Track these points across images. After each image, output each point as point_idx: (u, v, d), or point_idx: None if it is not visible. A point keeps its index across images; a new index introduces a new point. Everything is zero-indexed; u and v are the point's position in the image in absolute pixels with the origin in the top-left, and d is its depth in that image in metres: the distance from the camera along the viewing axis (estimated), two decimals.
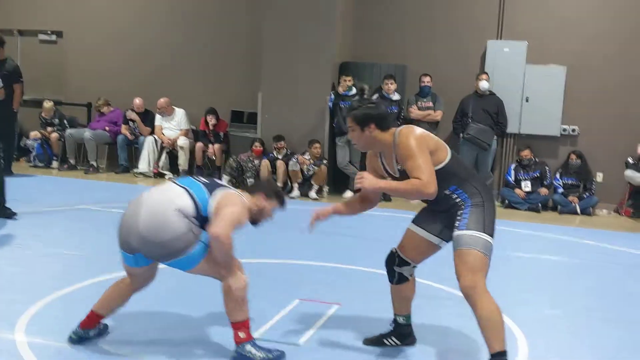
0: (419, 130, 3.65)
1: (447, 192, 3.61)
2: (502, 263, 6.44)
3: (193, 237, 3.57)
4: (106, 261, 5.62)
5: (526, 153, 9.92)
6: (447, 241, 3.79)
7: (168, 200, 3.64)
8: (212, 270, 3.67)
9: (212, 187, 3.75)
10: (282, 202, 3.96)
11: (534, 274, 6.28)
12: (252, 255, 6.14)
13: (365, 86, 9.41)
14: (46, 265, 5.49)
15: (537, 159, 9.99)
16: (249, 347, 3.69)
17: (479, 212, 3.57)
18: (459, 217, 3.59)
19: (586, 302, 5.35)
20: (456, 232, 3.56)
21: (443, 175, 3.55)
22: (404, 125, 3.72)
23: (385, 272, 3.99)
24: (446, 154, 3.64)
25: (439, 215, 3.76)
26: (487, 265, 3.54)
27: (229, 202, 3.65)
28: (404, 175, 3.60)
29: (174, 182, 3.85)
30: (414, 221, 3.91)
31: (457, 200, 3.64)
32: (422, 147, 3.52)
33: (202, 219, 3.62)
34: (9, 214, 7.10)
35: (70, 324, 4.12)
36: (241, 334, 3.69)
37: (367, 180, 3.56)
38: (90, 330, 3.93)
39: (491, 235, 3.56)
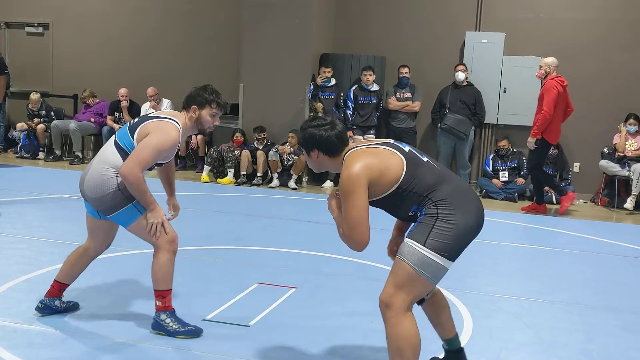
0: (362, 157, 3.12)
1: (410, 213, 3.18)
2: (474, 250, 6.62)
3: (122, 196, 3.80)
4: (74, 247, 5.79)
5: (504, 143, 10.07)
6: None
7: (102, 159, 3.89)
8: (143, 234, 3.90)
9: (136, 125, 3.88)
10: (216, 105, 3.94)
11: (502, 261, 6.40)
12: (218, 242, 6.32)
13: (319, 105, 9.54)
14: (17, 250, 5.64)
15: (514, 149, 10.12)
16: (164, 316, 3.94)
17: (427, 223, 3.07)
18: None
19: (543, 287, 5.48)
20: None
21: (400, 197, 3.12)
22: (352, 149, 3.21)
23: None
24: (399, 173, 3.09)
25: None
26: (418, 284, 3.07)
27: (146, 134, 3.79)
28: None
29: (115, 137, 3.99)
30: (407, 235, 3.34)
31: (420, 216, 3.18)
32: (358, 184, 3.04)
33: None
34: None
35: (32, 306, 4.30)
36: (159, 302, 3.94)
37: (329, 206, 3.27)
38: (55, 299, 4.17)
39: (439, 252, 3.02)
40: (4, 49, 12.29)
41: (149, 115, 4.03)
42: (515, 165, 10.03)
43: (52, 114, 11.78)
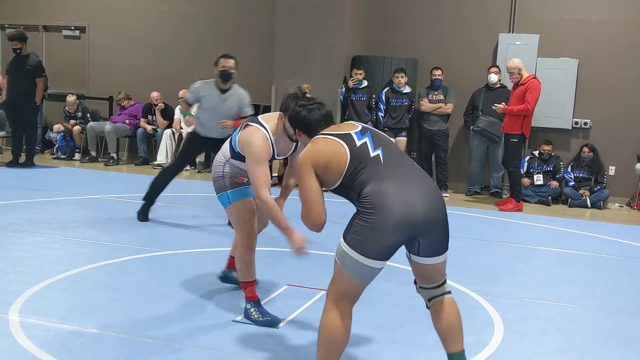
0: (315, 144, 3.22)
1: (357, 208, 3.13)
2: (505, 254, 6.57)
3: (223, 184, 4.28)
4: (110, 248, 5.90)
5: (548, 148, 9.92)
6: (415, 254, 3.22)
7: (221, 150, 4.39)
8: (232, 219, 4.35)
9: (243, 125, 4.21)
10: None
11: (534, 265, 6.33)
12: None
13: (305, 86, 9.48)
14: (52, 250, 5.73)
15: (552, 153, 10.00)
16: (248, 305, 4.29)
17: (352, 219, 3.09)
18: None
19: (576, 292, 5.41)
20: None
21: (345, 191, 3.18)
22: (319, 135, 3.28)
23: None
24: (342, 167, 3.13)
25: None
26: (343, 278, 3.10)
27: (245, 145, 4.08)
28: None
29: None
30: None
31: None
32: (305, 168, 3.15)
33: (238, 155, 4.18)
34: None
35: (65, 306, 4.38)
36: (244, 293, 4.31)
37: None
38: (232, 270, 4.84)
39: (354, 248, 3.01)
40: (42, 52, 12.51)
41: (253, 118, 4.28)
42: (551, 168, 9.91)
43: (88, 115, 11.96)
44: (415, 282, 3.36)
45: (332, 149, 3.15)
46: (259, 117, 4.18)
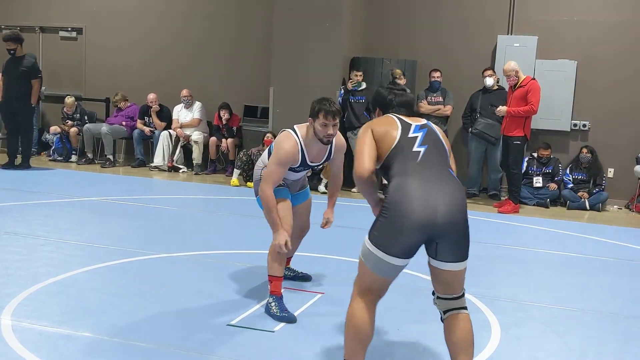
0: (381, 119, 3.49)
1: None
2: (503, 257, 6.53)
3: (258, 185, 4.49)
4: (104, 250, 5.85)
5: (547, 152, 9.88)
6: (436, 259, 3.25)
7: (261, 156, 4.74)
8: (267, 218, 4.44)
9: (280, 131, 4.59)
10: (324, 114, 4.23)
11: (532, 268, 6.28)
12: (246, 246, 6.31)
13: (398, 71, 9.53)
14: (46, 253, 5.68)
15: (551, 156, 9.96)
16: (270, 299, 4.41)
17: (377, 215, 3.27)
18: None
19: (574, 295, 5.37)
20: None
21: (386, 170, 3.36)
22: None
23: None
24: (388, 149, 3.36)
25: None
26: (365, 273, 3.23)
27: (276, 144, 4.41)
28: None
29: None
30: None
31: None
32: (366, 129, 3.41)
33: None
34: None
35: (58, 309, 4.34)
36: (269, 286, 4.43)
37: None
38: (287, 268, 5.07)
39: (375, 244, 3.13)
40: (39, 54, 12.47)
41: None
42: (550, 171, 9.88)
43: (85, 117, 11.91)
44: (433, 293, 3.36)
45: (392, 127, 3.35)
46: (295, 126, 4.48)
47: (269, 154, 4.54)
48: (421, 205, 3.06)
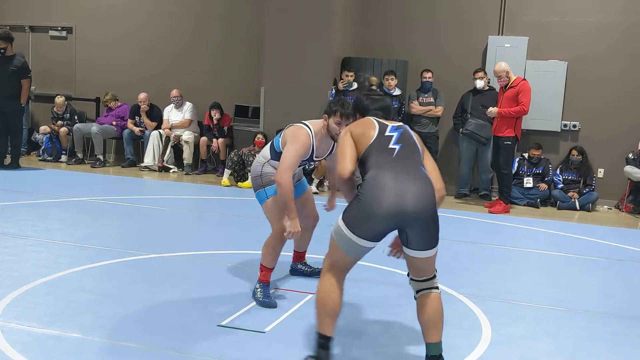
0: (358, 121, 3.86)
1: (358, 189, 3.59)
2: (494, 257, 6.54)
3: (261, 182, 4.74)
4: (94, 251, 5.83)
5: (538, 153, 9.90)
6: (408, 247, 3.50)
7: (262, 151, 4.91)
8: (268, 216, 4.74)
9: (287, 126, 4.72)
10: (340, 114, 4.45)
11: (523, 267, 6.30)
12: (237, 246, 6.29)
13: (374, 79, 9.52)
14: (35, 253, 5.65)
15: (542, 156, 9.98)
16: (257, 285, 4.72)
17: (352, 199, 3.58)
18: None
19: (564, 295, 5.38)
20: None
21: (362, 165, 3.66)
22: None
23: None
24: (364, 146, 3.70)
25: None
26: (335, 249, 3.51)
27: (288, 138, 4.58)
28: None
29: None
30: None
31: None
32: (344, 132, 3.79)
33: (279, 155, 4.60)
34: None
35: (47, 310, 4.31)
36: (259, 273, 4.73)
37: None
38: (297, 263, 5.39)
39: (346, 223, 3.41)
40: (29, 53, 12.41)
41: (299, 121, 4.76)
42: (540, 171, 9.90)
43: (75, 117, 11.85)
44: (408, 275, 3.62)
45: (369, 127, 3.67)
46: (305, 121, 4.70)
47: (272, 150, 4.74)
48: (392, 196, 3.34)
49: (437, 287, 3.56)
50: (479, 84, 9.78)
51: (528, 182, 9.87)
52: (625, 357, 4.12)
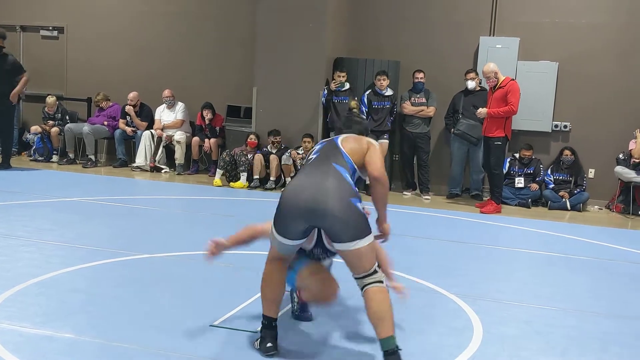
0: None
1: None
2: (485, 256, 6.56)
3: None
4: (86, 251, 5.82)
5: (529, 153, 9.94)
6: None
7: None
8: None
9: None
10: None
11: (514, 267, 6.32)
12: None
13: (353, 103, 9.57)
14: (27, 253, 5.63)
15: (533, 156, 10.02)
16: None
17: None
18: None
19: (555, 294, 5.41)
20: None
21: None
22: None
23: None
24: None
25: None
26: (271, 244, 3.82)
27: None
28: None
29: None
30: None
31: None
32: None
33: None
34: None
35: (39, 310, 4.30)
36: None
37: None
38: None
39: (273, 224, 3.72)
40: (20, 53, 12.37)
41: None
42: (532, 171, 9.94)
43: (67, 117, 11.82)
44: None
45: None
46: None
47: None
48: (291, 194, 3.61)
49: (381, 281, 3.57)
50: (471, 84, 9.83)
51: (519, 182, 9.91)
52: (615, 356, 4.15)
